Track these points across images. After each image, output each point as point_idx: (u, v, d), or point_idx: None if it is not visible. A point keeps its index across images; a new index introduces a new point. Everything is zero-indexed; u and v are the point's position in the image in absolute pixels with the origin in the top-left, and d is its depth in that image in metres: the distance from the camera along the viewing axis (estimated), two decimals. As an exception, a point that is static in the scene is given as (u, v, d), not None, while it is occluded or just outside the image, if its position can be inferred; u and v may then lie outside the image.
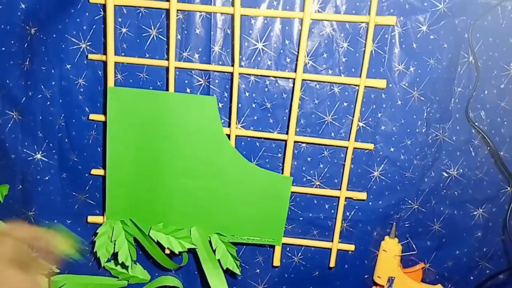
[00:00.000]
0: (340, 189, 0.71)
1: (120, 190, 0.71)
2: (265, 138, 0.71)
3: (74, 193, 0.75)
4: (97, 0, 0.67)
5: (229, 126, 0.70)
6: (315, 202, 0.73)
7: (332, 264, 0.74)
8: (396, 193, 0.72)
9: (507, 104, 0.70)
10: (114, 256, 0.71)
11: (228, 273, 0.74)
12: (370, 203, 0.72)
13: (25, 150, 0.73)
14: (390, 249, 0.72)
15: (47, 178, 0.74)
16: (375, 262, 0.75)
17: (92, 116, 0.71)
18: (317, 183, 0.73)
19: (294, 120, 0.68)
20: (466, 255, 0.74)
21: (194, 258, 0.76)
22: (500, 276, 0.75)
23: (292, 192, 0.72)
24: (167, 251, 0.73)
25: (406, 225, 0.73)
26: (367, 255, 0.75)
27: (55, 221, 0.75)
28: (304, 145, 0.71)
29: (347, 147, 0.70)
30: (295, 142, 0.70)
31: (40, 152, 0.73)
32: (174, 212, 0.72)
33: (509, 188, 0.73)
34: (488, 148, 0.71)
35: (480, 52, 0.68)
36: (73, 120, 0.72)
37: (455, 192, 0.72)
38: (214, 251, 0.72)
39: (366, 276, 0.76)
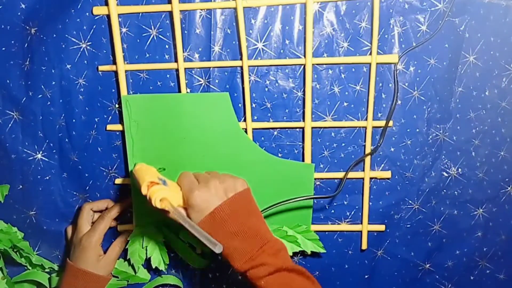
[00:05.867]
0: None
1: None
2: (281, 128, 0.71)
3: (74, 193, 0.75)
4: (101, 11, 0.67)
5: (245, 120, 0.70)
6: (315, 201, 0.73)
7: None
8: (396, 193, 0.72)
9: (508, 104, 0.70)
10: (147, 261, 0.73)
11: (221, 272, 0.75)
12: (370, 203, 0.72)
13: (25, 150, 0.73)
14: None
15: (47, 178, 0.74)
16: (375, 262, 0.75)
17: (110, 127, 0.72)
18: (317, 183, 0.73)
19: (309, 106, 0.68)
20: (466, 255, 0.74)
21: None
22: (500, 276, 0.75)
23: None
24: (198, 251, 0.74)
25: (407, 225, 0.73)
26: (367, 255, 0.75)
27: (56, 219, 0.76)
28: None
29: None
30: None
31: (41, 152, 0.74)
32: None
33: (509, 188, 0.72)
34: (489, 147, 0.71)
35: (481, 52, 0.68)
36: (73, 120, 0.72)
37: (455, 192, 0.72)
38: None
39: (366, 276, 0.76)
